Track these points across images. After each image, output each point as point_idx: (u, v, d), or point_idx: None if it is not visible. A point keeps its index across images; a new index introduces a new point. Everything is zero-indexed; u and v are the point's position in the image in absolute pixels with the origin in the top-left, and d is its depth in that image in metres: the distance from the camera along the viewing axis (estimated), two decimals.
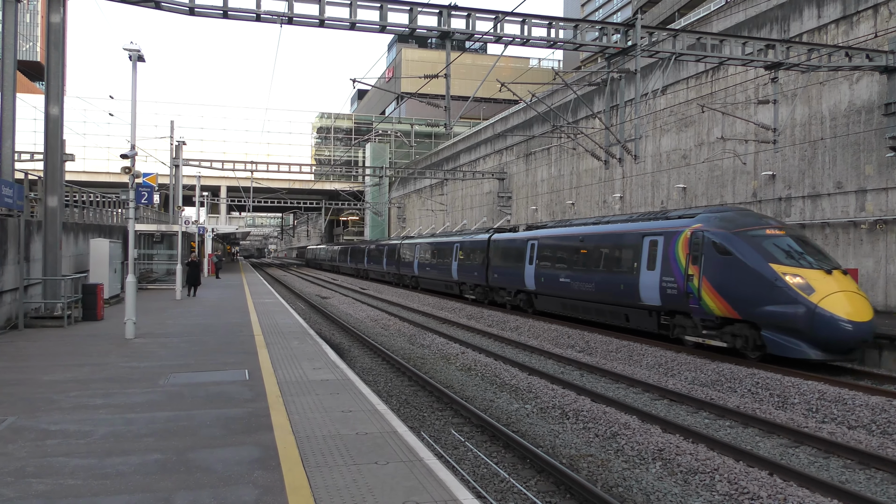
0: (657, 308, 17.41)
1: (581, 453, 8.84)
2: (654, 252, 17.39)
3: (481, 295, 29.81)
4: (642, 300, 17.74)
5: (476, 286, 30.47)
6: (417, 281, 40.19)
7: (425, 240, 38.79)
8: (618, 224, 19.78)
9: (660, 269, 17.02)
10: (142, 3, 14.76)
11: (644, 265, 17.66)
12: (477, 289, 30.36)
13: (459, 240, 32.40)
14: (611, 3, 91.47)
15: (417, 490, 5.53)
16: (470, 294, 31.43)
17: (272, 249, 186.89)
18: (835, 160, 21.35)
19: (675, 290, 16.38)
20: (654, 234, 17.54)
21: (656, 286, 17.08)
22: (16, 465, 6.07)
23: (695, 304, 15.80)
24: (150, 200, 26.96)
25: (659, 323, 17.53)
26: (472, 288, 30.97)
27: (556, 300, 22.69)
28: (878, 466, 8.31)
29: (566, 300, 21.92)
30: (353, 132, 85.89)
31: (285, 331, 15.82)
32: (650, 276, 17.38)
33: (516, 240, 25.83)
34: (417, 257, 39.06)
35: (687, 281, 15.97)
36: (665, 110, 29.34)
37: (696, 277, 15.69)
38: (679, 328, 16.85)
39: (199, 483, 5.66)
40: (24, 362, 11.32)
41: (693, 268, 15.84)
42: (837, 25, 21.43)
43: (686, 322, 16.53)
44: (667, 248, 16.88)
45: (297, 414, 7.92)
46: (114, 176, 64.29)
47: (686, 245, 16.17)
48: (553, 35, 17.19)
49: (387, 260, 46.48)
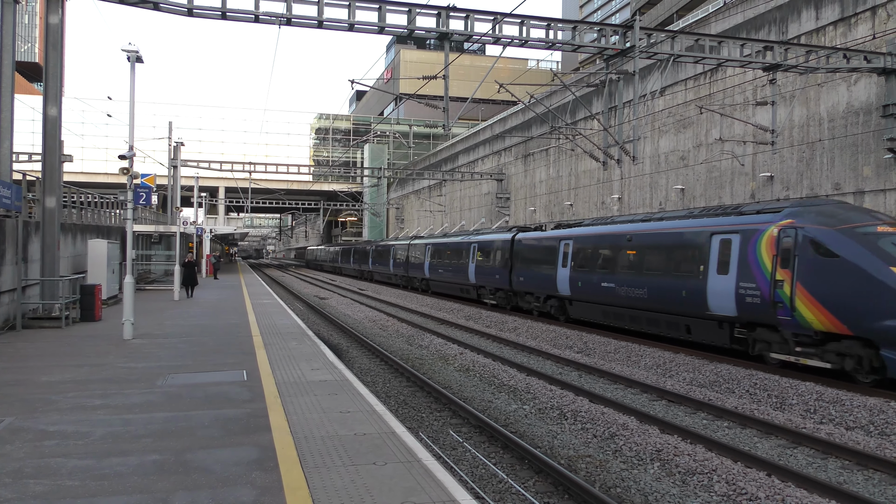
0: (730, 319, 14.95)
1: (579, 454, 8.84)
2: (726, 253, 15.06)
3: (503, 300, 27.46)
4: (711, 309, 15.35)
5: (497, 290, 28.02)
6: (428, 284, 37.92)
7: (438, 240, 36.20)
8: (676, 221, 17.44)
9: (735, 274, 14.65)
10: (140, 4, 14.76)
11: (713, 268, 15.36)
12: (498, 293, 27.91)
13: (478, 239, 29.89)
14: (609, 4, 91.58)
15: (415, 490, 5.53)
16: (489, 299, 28.89)
17: (270, 250, 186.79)
18: (833, 162, 21.39)
19: (757, 298, 14.04)
20: (727, 232, 15.18)
21: (730, 293, 14.71)
22: (14, 466, 6.07)
23: (785, 316, 13.38)
24: (149, 201, 27.02)
25: (732, 336, 15.11)
26: (493, 292, 28.48)
27: (596, 307, 20.27)
28: (876, 467, 8.32)
29: (609, 308, 19.53)
30: (352, 133, 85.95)
31: (283, 331, 15.81)
32: (722, 281, 15.04)
33: (546, 239, 23.50)
34: (428, 258, 36.73)
35: (774, 288, 13.61)
36: (663, 111, 29.37)
37: (788, 284, 13.30)
38: (761, 343, 14.44)
39: (197, 484, 5.66)
40: (22, 363, 11.30)
41: (783, 272, 13.48)
42: (835, 27, 21.48)
43: (771, 336, 14.08)
44: (745, 248, 14.52)
45: (296, 415, 7.92)
46: (112, 177, 64.34)
47: (772, 245, 13.82)
48: (551, 36, 17.21)
49: (394, 261, 44.16)
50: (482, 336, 20.33)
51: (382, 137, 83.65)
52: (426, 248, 37.33)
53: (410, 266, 40.27)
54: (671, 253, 16.95)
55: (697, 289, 15.75)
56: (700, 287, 15.67)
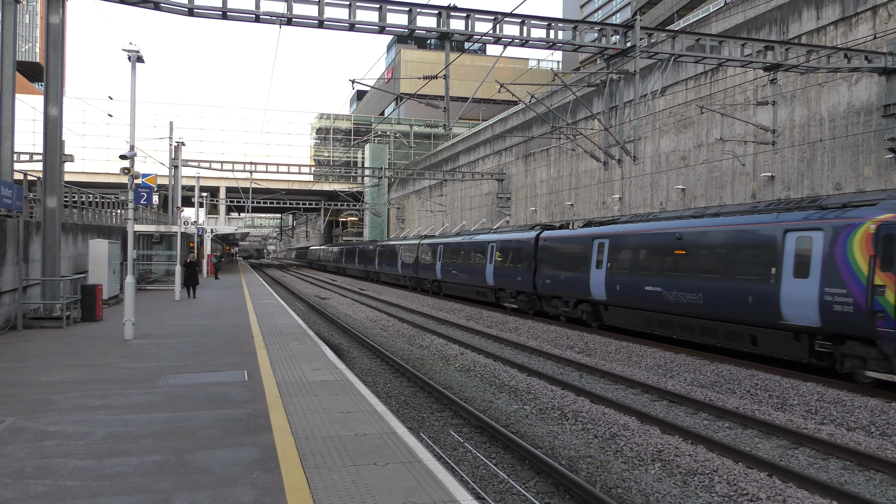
0: (811, 330, 13.10)
1: (580, 454, 8.83)
2: (806, 253, 13.24)
3: (526, 304, 25.43)
4: (785, 318, 13.53)
5: (519, 294, 25.91)
6: (440, 286, 35.86)
7: (451, 239, 33.93)
8: (738, 217, 15.59)
9: (819, 277, 12.82)
10: (141, 4, 14.76)
11: (788, 270, 13.53)
12: (520, 297, 25.84)
13: (496, 239, 27.71)
14: (610, 4, 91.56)
15: (416, 491, 5.53)
16: (510, 303, 26.82)
17: (271, 250, 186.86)
18: (834, 161, 21.37)
19: (849, 306, 12.20)
20: (806, 229, 13.36)
21: (813, 300, 12.87)
22: (15, 467, 6.07)
23: (889, 328, 11.55)
24: (149, 201, 27.01)
25: (812, 350, 13.23)
26: (514, 295, 26.32)
27: (638, 314, 18.28)
28: (878, 468, 8.31)
29: (653, 314, 17.63)
30: (353, 133, 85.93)
31: (284, 332, 15.81)
32: (800, 285, 13.22)
33: (577, 238, 21.49)
34: (441, 259, 34.48)
35: (872, 294, 11.79)
36: (664, 111, 29.36)
37: (892, 289, 11.52)
38: (852, 359, 12.56)
39: (198, 484, 5.65)
40: (23, 363, 11.30)
41: (885, 276, 11.65)
42: (836, 27, 21.46)
43: (867, 351, 12.19)
44: (831, 247, 12.70)
45: (296, 415, 7.91)
46: (113, 177, 64.35)
47: (868, 243, 11.99)
48: (552, 36, 17.20)
49: (402, 262, 42.25)
50: (483, 336, 20.32)
51: (383, 137, 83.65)
52: (438, 249, 35.20)
53: (420, 267, 38.41)
54: (733, 253, 15.08)
55: (768, 294, 13.90)
56: (771, 292, 13.82)
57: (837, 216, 12.89)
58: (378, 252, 49.29)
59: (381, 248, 48.75)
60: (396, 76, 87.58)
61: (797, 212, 14.10)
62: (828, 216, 13.10)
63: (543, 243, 23.79)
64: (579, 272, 20.90)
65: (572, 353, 17.13)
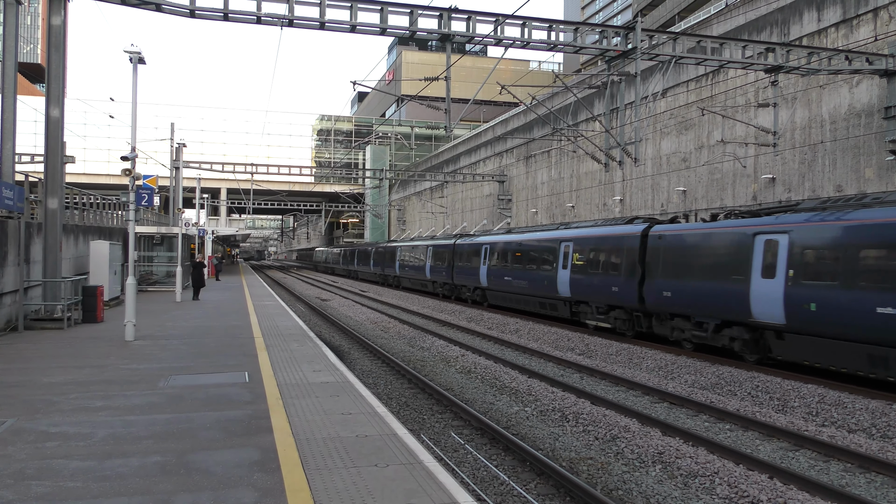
0: None
1: (581, 456, 8.83)
2: None
3: (624, 323, 19.22)
4: None
5: (612, 308, 19.75)
6: (485, 295, 29.65)
7: (502, 237, 28.04)
8: None
9: None
10: (142, 6, 14.79)
11: None
12: (614, 312, 19.61)
13: (574, 235, 21.88)
14: (611, 6, 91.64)
15: (417, 493, 5.53)
16: (597, 320, 20.40)
17: (272, 252, 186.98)
18: (835, 163, 21.36)
19: None
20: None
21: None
22: (16, 467, 6.07)
23: None
24: (151, 202, 27.01)
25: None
26: (603, 311, 20.17)
27: (849, 347, 12.48)
28: (879, 470, 8.30)
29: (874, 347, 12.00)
30: (354, 134, 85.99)
31: (285, 333, 15.82)
32: None
33: (725, 234, 15.58)
34: (486, 262, 28.57)
35: None
36: (665, 113, 29.37)
37: None
38: None
39: (199, 485, 5.66)
40: (24, 364, 11.31)
41: None
42: (837, 29, 21.46)
43: None
44: None
45: (297, 416, 7.92)
46: (114, 178, 64.38)
47: None
48: (553, 38, 17.22)
49: (432, 265, 36.25)
50: (484, 338, 20.32)
51: (384, 139, 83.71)
52: (483, 249, 29.11)
53: (458, 271, 32.28)
54: None
55: None
56: None
57: None
58: (399, 253, 43.50)
59: (402, 249, 42.71)
60: (397, 78, 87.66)
61: None
62: None
63: (658, 241, 17.67)
64: (729, 282, 15.09)
65: (573, 354, 17.12)
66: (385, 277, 48.38)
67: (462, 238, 33.27)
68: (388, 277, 47.52)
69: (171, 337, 14.88)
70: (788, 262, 13.69)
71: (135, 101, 15.32)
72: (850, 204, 13.28)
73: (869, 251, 12.23)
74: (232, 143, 78.90)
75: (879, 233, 12.08)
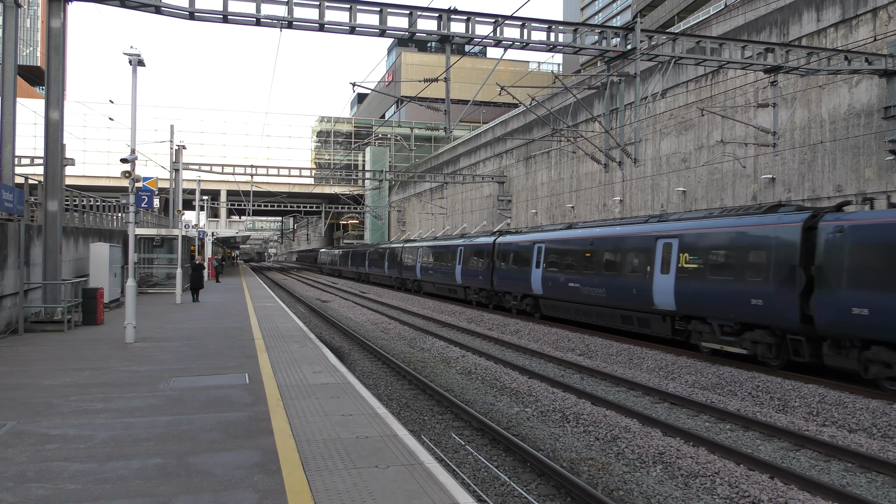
0: None
1: (582, 457, 8.82)
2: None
3: (769, 348, 14.42)
4: None
5: (748, 328, 14.85)
6: (537, 303, 24.26)
7: (566, 234, 22.66)
8: None
9: None
10: (142, 8, 14.80)
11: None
12: (754, 333, 14.69)
13: (678, 231, 16.91)
14: (610, 6, 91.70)
15: (418, 494, 5.53)
16: (722, 342, 15.47)
17: (272, 253, 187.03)
18: (834, 163, 21.37)
19: None
20: None
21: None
22: (16, 470, 6.07)
23: None
24: (150, 204, 27.03)
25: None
26: (735, 331, 15.12)
27: None
28: (880, 470, 8.30)
29: None
30: (353, 136, 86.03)
31: (285, 334, 15.81)
32: None
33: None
34: (543, 265, 23.22)
35: None
36: (665, 114, 29.38)
37: None
38: None
39: (200, 487, 5.65)
40: (24, 367, 11.31)
41: None
42: (837, 29, 21.47)
43: None
44: None
45: (298, 418, 7.91)
46: (114, 180, 64.40)
47: None
48: (553, 39, 17.24)
49: (464, 268, 30.88)
50: (484, 339, 20.31)
51: (384, 140, 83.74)
52: (536, 249, 24.06)
53: (500, 276, 27.10)
54: None
55: None
56: None
57: None
58: (420, 254, 38.15)
59: (425, 250, 37.50)
60: (397, 79, 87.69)
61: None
62: None
63: (838, 236, 12.95)
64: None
65: (573, 355, 17.12)
66: (403, 282, 43.02)
67: (505, 235, 28.23)
68: (406, 282, 42.08)
69: (172, 339, 14.88)
70: None
71: (134, 104, 15.33)
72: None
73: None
74: (231, 145, 78.97)
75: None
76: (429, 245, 37.19)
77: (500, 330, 22.33)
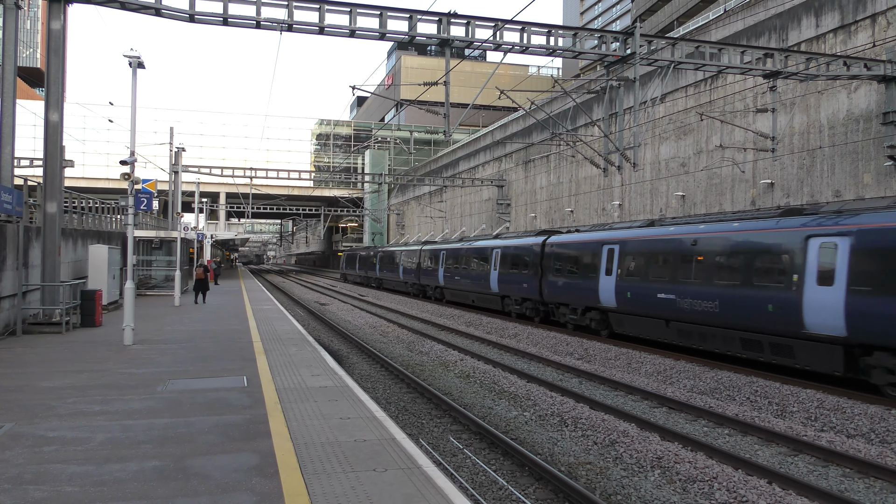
0: None
1: (580, 461, 8.82)
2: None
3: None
4: None
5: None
6: (606, 318, 19.81)
7: (650, 231, 18.19)
8: None
9: None
10: (142, 10, 14.82)
11: None
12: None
13: (835, 229, 12.69)
14: (610, 11, 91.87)
15: (416, 497, 5.52)
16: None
17: (271, 256, 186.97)
18: (833, 169, 21.40)
19: None
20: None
21: None
22: (13, 472, 6.06)
23: None
24: (149, 207, 27.03)
25: None
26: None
27: None
28: (877, 475, 8.30)
29: None
30: (353, 139, 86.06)
31: (284, 337, 15.80)
32: None
33: None
34: (619, 272, 18.71)
35: None
36: (664, 118, 29.42)
37: None
38: None
39: (197, 490, 5.65)
40: (23, 368, 11.29)
41: None
42: (835, 35, 21.52)
43: None
44: None
45: (296, 421, 7.90)
46: (113, 182, 64.33)
47: None
48: (552, 43, 17.26)
49: (502, 274, 26.47)
50: (482, 342, 20.30)
51: (383, 143, 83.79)
52: (605, 252, 19.62)
53: (551, 286, 22.73)
54: None
55: None
56: None
57: None
58: (443, 258, 33.63)
59: (449, 253, 32.77)
60: (397, 82, 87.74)
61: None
62: None
63: None
64: None
65: (572, 359, 17.11)
66: (422, 288, 38.21)
67: (558, 235, 23.84)
68: (426, 288, 37.41)
69: (170, 341, 14.86)
70: None
71: (134, 106, 15.33)
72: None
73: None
74: (231, 148, 78.97)
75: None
76: (455, 247, 32.36)
77: (499, 334, 22.33)
